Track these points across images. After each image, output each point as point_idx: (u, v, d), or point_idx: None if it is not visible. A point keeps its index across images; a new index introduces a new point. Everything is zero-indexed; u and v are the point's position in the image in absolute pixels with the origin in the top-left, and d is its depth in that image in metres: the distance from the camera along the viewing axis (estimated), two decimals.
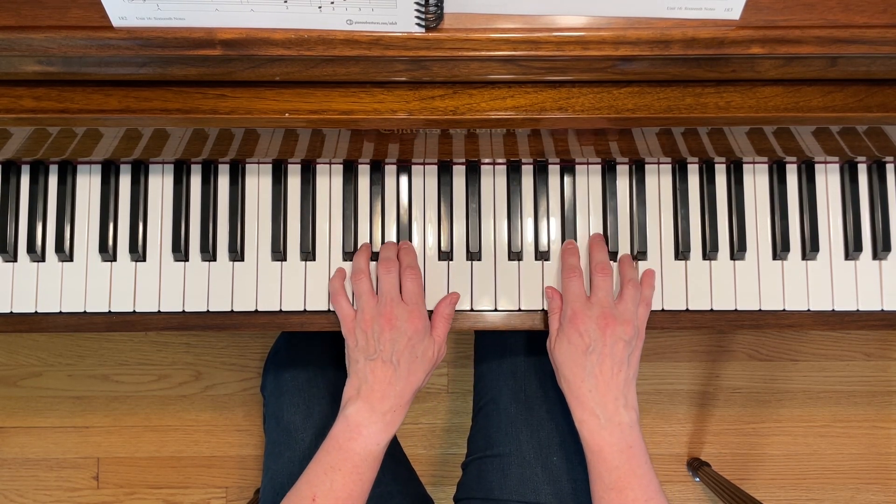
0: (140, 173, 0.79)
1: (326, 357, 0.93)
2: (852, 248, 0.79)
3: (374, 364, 0.71)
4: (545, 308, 0.79)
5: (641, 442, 0.70)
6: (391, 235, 0.80)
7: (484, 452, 0.87)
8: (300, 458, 0.85)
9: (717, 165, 0.80)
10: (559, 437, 0.84)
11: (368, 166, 0.80)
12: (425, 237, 0.80)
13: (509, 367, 0.89)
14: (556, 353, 0.73)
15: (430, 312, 0.77)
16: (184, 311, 0.78)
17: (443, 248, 0.79)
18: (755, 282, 0.79)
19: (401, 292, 0.75)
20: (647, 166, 0.80)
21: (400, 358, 0.71)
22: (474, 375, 0.97)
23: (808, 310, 0.79)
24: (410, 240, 0.80)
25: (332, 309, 0.78)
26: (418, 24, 0.57)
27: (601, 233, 0.79)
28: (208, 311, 0.78)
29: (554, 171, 0.80)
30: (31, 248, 0.78)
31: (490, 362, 0.92)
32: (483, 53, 0.59)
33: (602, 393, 0.70)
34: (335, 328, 0.78)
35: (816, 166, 0.80)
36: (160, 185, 0.80)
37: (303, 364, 0.92)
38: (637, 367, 0.73)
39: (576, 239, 0.79)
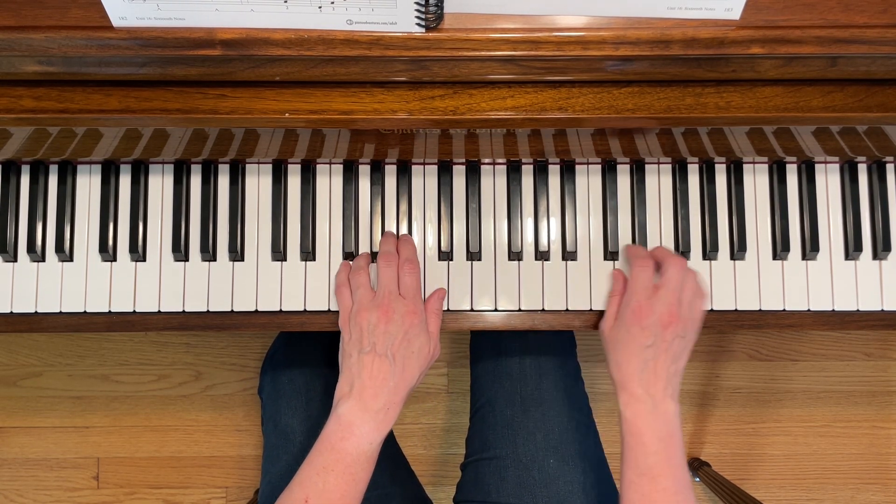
0: (140, 173, 0.79)
1: (324, 359, 0.93)
2: (852, 248, 0.79)
3: (367, 358, 0.70)
4: (545, 308, 0.79)
5: (681, 435, 0.69)
6: None
7: (481, 455, 0.87)
8: (298, 461, 0.84)
9: (717, 165, 0.80)
10: (555, 440, 0.84)
11: (368, 166, 0.80)
12: (425, 237, 0.80)
13: (505, 369, 0.89)
14: (610, 339, 0.73)
15: None
16: (184, 311, 0.78)
17: (443, 248, 0.79)
18: (755, 282, 0.79)
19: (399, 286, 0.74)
20: (647, 166, 0.80)
21: (395, 353, 0.70)
22: (471, 377, 0.97)
23: (808, 310, 0.79)
24: None
25: (332, 309, 0.78)
26: (418, 24, 0.57)
27: (603, 233, 0.80)
28: (208, 311, 0.78)
29: (554, 171, 0.80)
30: (31, 248, 0.78)
31: (486, 364, 0.92)
32: (483, 53, 0.59)
33: (652, 383, 0.70)
34: (335, 328, 0.78)
35: (816, 166, 0.80)
36: (160, 185, 0.80)
37: (300, 366, 0.91)
38: (686, 360, 0.73)
39: (576, 239, 0.79)
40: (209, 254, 0.79)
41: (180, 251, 0.78)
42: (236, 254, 0.79)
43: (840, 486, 1.50)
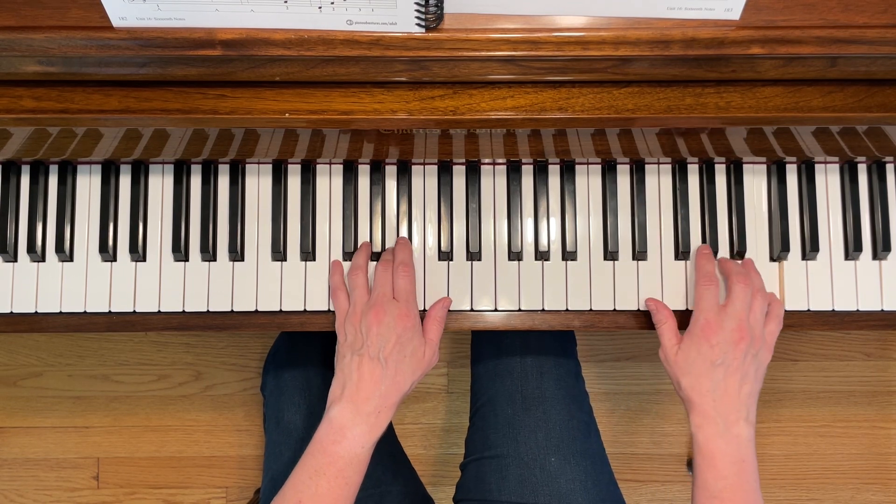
0: (140, 173, 0.79)
1: (326, 357, 0.93)
2: (852, 248, 0.79)
3: (360, 360, 0.70)
4: (545, 308, 0.79)
5: (754, 460, 0.68)
6: (391, 235, 0.80)
7: (482, 454, 0.87)
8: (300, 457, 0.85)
9: (717, 165, 0.80)
10: (557, 438, 0.84)
11: (368, 166, 0.80)
12: (425, 237, 0.80)
13: (505, 368, 0.89)
14: (677, 362, 0.72)
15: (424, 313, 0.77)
16: (184, 311, 0.78)
17: (443, 248, 0.79)
18: None
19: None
20: (647, 166, 0.80)
21: (388, 357, 0.70)
22: (471, 376, 0.97)
23: (808, 310, 0.79)
24: (410, 240, 0.80)
25: (332, 309, 0.78)
26: (418, 25, 0.57)
27: (603, 233, 0.80)
28: (208, 311, 0.78)
29: (554, 171, 0.80)
30: (31, 248, 0.78)
31: (486, 363, 0.92)
32: (483, 53, 0.59)
33: (725, 404, 0.69)
34: (334, 328, 0.78)
35: (816, 166, 0.80)
36: (160, 185, 0.80)
37: (303, 364, 0.92)
38: (762, 381, 0.72)
39: (576, 239, 0.79)
40: (209, 254, 0.79)
41: (180, 251, 0.78)
42: (236, 254, 0.79)
43: (840, 486, 1.50)
